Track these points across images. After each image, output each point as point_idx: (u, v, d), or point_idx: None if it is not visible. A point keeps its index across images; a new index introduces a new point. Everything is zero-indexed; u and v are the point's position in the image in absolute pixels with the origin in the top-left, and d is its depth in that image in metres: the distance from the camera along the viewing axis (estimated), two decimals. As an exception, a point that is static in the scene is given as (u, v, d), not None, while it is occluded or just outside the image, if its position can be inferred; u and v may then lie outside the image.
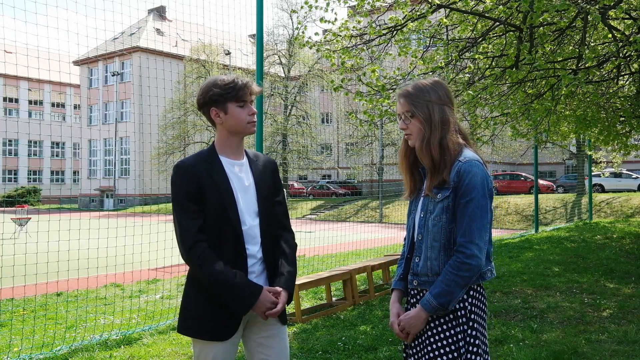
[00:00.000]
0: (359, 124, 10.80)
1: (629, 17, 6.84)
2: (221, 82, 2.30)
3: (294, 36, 30.82)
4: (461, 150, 2.12)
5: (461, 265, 2.00)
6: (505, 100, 7.90)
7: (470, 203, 2.02)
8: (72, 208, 39.04)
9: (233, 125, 2.33)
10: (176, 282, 8.46)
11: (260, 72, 5.96)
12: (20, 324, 5.84)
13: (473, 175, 2.04)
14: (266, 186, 2.40)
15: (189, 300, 2.33)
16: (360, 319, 5.78)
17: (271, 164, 2.49)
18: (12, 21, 35.91)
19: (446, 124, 2.11)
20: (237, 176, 2.34)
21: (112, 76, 43.82)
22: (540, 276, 7.73)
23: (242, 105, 2.31)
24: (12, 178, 56.22)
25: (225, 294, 2.21)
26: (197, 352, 2.33)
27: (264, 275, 2.36)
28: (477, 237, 2.01)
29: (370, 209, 29.02)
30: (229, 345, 2.30)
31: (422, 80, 2.22)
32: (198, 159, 2.33)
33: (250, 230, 2.31)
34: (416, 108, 2.13)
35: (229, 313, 2.26)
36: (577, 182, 24.47)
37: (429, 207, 2.12)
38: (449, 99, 2.16)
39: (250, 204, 2.34)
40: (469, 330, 2.06)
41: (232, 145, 2.37)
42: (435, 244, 2.08)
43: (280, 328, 2.40)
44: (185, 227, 2.23)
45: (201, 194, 2.25)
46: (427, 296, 2.05)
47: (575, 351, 4.44)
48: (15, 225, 17.40)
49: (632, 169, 32.26)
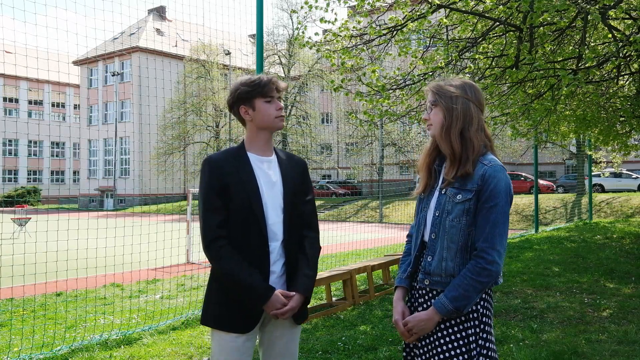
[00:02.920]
0: (359, 124, 10.81)
1: (629, 17, 6.84)
2: (247, 80, 2.38)
3: (294, 36, 30.84)
4: (485, 152, 2.10)
5: (482, 270, 1.99)
6: (505, 100, 7.90)
7: (494, 209, 2.01)
8: (72, 208, 39.06)
9: (261, 120, 2.38)
10: (176, 282, 8.45)
11: (260, 72, 5.96)
12: (20, 324, 5.83)
13: (499, 180, 2.03)
14: (293, 184, 2.41)
15: (212, 293, 2.37)
16: (360, 319, 5.78)
17: (301, 164, 2.52)
18: (12, 21, 35.80)
19: (469, 118, 2.09)
20: (265, 172, 2.37)
21: (112, 76, 43.80)
22: (540, 276, 7.73)
23: (269, 101, 2.37)
24: (12, 178, 56.18)
25: (239, 291, 2.25)
26: (216, 344, 2.34)
27: (284, 275, 2.36)
28: (498, 244, 2.00)
29: (370, 209, 29.02)
30: (247, 339, 2.32)
31: (456, 77, 2.23)
32: (226, 154, 2.38)
33: (274, 227, 2.33)
34: (440, 97, 2.13)
35: (249, 308, 2.29)
36: (577, 182, 24.46)
37: (447, 207, 2.09)
38: (477, 99, 2.13)
39: (276, 199, 2.35)
40: (481, 332, 2.05)
41: (260, 141, 2.41)
42: (452, 245, 2.06)
43: (293, 328, 2.41)
44: (206, 222, 2.27)
45: (227, 189, 2.28)
46: (442, 299, 2.02)
47: (575, 351, 4.44)
48: (15, 225, 17.39)
49: (632, 169, 32.27)
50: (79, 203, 46.41)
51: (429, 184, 2.22)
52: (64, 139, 54.35)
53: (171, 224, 8.80)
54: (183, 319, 5.89)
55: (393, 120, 8.33)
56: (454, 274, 2.05)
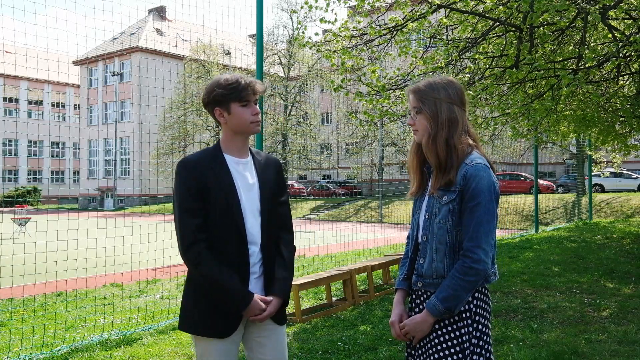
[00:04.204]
0: (359, 124, 10.81)
1: (629, 17, 6.84)
2: (224, 82, 2.29)
3: (294, 36, 30.85)
4: (469, 153, 2.10)
5: (468, 270, 2.00)
6: (505, 100, 7.90)
7: (477, 207, 2.01)
8: (72, 208, 39.04)
9: (236, 125, 2.33)
10: (176, 282, 8.45)
11: (260, 72, 5.96)
12: (20, 324, 5.83)
13: (480, 179, 2.03)
14: (270, 185, 2.39)
15: (189, 299, 2.34)
16: (360, 319, 5.78)
17: (276, 164, 2.49)
18: (12, 21, 35.84)
19: (454, 124, 2.10)
20: (241, 174, 2.34)
21: (112, 76, 43.80)
22: (540, 276, 7.73)
23: (246, 105, 2.31)
24: (12, 178, 56.17)
25: (218, 295, 2.24)
26: (200, 351, 2.34)
27: (263, 277, 2.36)
28: (484, 242, 2.01)
29: (370, 209, 29.02)
30: (230, 343, 2.31)
31: (435, 77, 2.20)
32: (203, 156, 2.34)
33: (252, 230, 2.31)
34: (424, 104, 2.12)
35: (229, 311, 2.27)
36: (577, 182, 24.46)
37: (435, 209, 2.11)
38: (460, 99, 2.14)
39: (253, 202, 2.33)
40: (474, 332, 2.06)
41: (236, 144, 2.37)
42: (441, 247, 2.08)
43: (277, 328, 2.40)
44: (184, 226, 2.23)
45: (204, 192, 2.25)
46: (433, 300, 2.04)
47: (575, 351, 4.44)
48: (15, 225, 17.39)
49: (632, 169, 32.26)
50: (79, 203, 46.41)
51: (421, 185, 2.23)
52: (64, 139, 54.36)
53: (171, 224, 8.75)
54: (183, 319, 5.87)
55: (393, 120, 8.33)
56: (445, 275, 2.06)
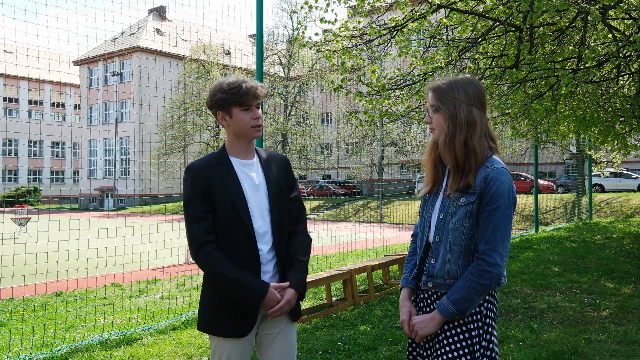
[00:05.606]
0: (359, 124, 10.81)
1: (629, 17, 6.84)
2: (227, 86, 2.30)
3: (294, 36, 30.85)
4: (489, 157, 2.08)
5: (483, 273, 1.98)
6: (505, 100, 7.90)
7: (496, 211, 2.00)
8: (72, 208, 39.05)
9: (238, 129, 2.34)
10: (176, 282, 8.46)
11: (260, 72, 5.96)
12: (20, 324, 5.83)
13: (501, 183, 2.01)
14: (277, 184, 2.40)
15: (206, 299, 2.37)
16: (360, 319, 5.78)
17: (283, 161, 2.49)
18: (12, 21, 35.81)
19: (472, 125, 2.06)
20: (248, 176, 2.35)
21: (112, 76, 43.83)
22: (540, 276, 7.73)
23: (247, 109, 2.32)
24: (12, 178, 56.19)
25: (234, 291, 2.25)
26: (214, 349, 2.36)
27: (277, 275, 2.37)
28: (500, 246, 1.99)
29: (370, 209, 29.02)
30: (245, 342, 2.33)
31: (457, 76, 2.17)
32: (209, 160, 2.36)
33: (261, 229, 2.32)
34: (442, 103, 2.09)
35: (244, 311, 2.28)
36: (577, 182, 24.47)
37: (450, 210, 2.08)
38: (480, 100, 2.10)
39: (261, 202, 2.34)
40: (484, 334, 2.04)
41: (241, 146, 2.38)
42: (455, 248, 2.05)
43: (289, 325, 2.41)
44: (193, 230, 2.26)
45: (211, 195, 2.27)
46: (445, 301, 2.03)
47: (575, 351, 4.44)
48: (15, 225, 17.40)
49: (632, 169, 32.27)
50: (79, 203, 46.41)
51: (436, 184, 2.19)
52: (64, 139, 54.36)
53: (171, 224, 8.80)
54: (183, 319, 5.89)
55: (393, 120, 8.34)
56: (457, 277, 2.04)
